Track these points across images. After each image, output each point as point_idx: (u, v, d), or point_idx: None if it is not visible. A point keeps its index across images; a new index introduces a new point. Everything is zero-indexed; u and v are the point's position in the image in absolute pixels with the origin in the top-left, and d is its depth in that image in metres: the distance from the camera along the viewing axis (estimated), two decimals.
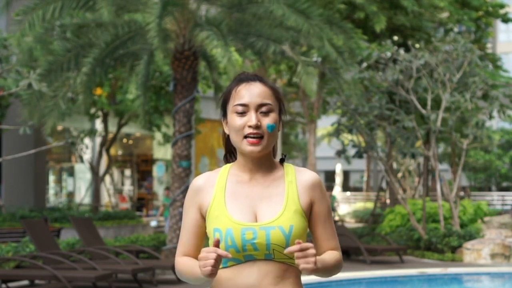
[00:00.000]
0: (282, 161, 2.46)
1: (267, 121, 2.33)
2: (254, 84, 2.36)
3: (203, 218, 2.39)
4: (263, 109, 2.34)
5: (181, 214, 12.59)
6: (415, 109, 16.02)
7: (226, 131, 2.40)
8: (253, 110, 2.33)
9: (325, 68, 15.80)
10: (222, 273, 2.32)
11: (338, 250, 2.43)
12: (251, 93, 2.34)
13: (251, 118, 2.31)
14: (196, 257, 2.39)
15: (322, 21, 12.19)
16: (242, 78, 2.39)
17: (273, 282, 2.28)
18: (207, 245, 2.41)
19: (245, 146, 2.32)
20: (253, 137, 2.31)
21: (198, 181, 2.43)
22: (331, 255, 2.37)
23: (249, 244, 2.26)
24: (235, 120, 2.33)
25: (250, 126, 2.31)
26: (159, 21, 11.18)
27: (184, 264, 2.39)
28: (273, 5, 11.75)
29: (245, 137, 2.31)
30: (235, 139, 2.35)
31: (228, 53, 11.50)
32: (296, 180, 2.38)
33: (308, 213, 2.37)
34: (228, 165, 2.45)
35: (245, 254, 2.28)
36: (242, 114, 2.33)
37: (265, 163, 2.39)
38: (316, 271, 2.20)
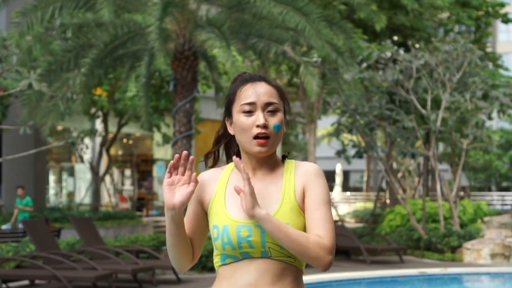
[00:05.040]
0: (284, 158, 2.44)
1: (273, 121, 2.32)
2: (260, 84, 2.35)
3: (204, 212, 2.39)
4: (270, 108, 2.33)
5: None
6: (415, 109, 16.02)
7: (231, 132, 2.39)
8: (260, 109, 2.32)
9: (325, 68, 15.80)
10: (221, 271, 2.32)
11: (324, 239, 2.22)
12: (257, 92, 2.33)
13: (259, 117, 2.31)
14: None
15: (321, 20, 12.18)
16: (247, 78, 2.38)
17: (270, 281, 2.26)
18: (208, 245, 2.40)
19: (254, 147, 2.31)
20: (262, 138, 2.30)
21: (203, 175, 2.43)
22: (297, 230, 2.23)
23: (244, 242, 2.26)
24: (242, 120, 2.32)
25: (258, 126, 2.30)
26: (160, 23, 11.17)
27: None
28: (271, 3, 11.74)
29: (255, 137, 2.30)
30: (242, 139, 2.33)
31: (231, 56, 11.50)
32: (294, 174, 2.36)
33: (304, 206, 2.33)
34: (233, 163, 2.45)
35: (241, 252, 2.27)
36: (249, 113, 2.32)
37: (268, 162, 2.38)
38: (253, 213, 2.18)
